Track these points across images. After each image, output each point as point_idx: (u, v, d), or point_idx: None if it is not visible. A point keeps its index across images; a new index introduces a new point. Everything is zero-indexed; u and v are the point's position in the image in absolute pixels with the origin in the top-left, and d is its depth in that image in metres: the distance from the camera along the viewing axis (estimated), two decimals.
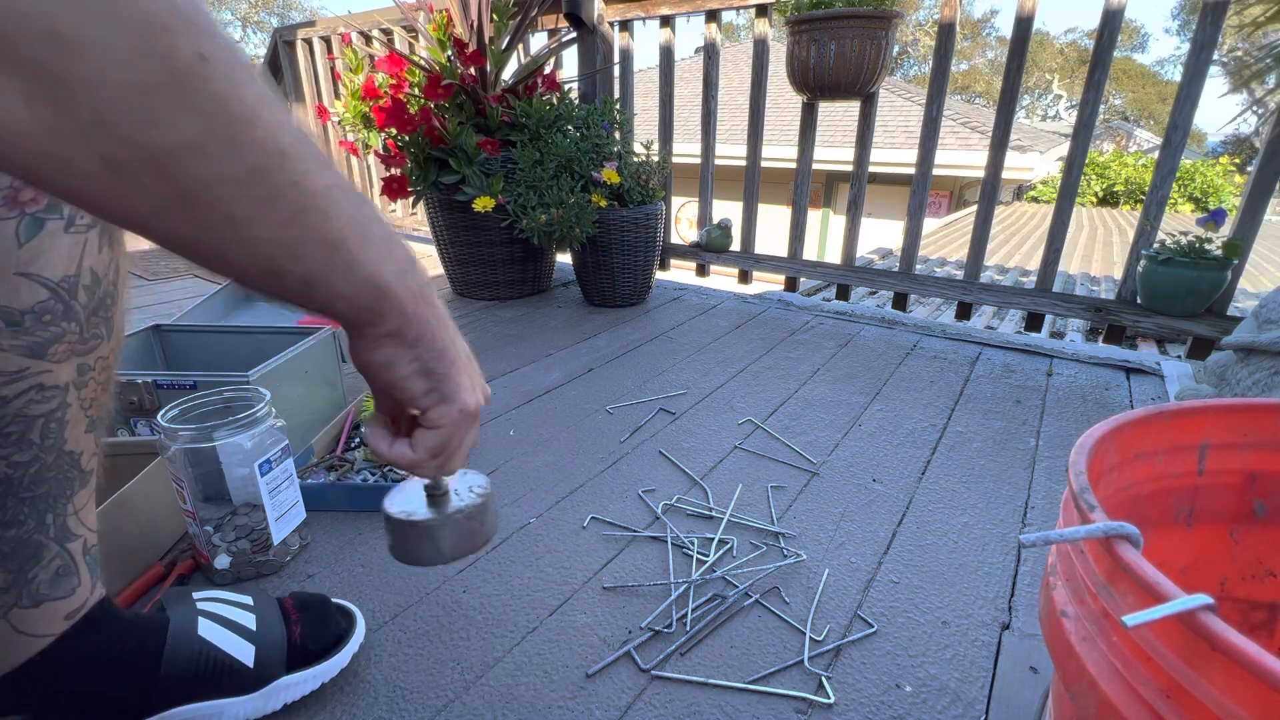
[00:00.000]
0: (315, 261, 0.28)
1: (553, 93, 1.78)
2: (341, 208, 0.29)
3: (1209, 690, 0.25)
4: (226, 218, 0.25)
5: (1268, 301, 0.98)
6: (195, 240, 0.26)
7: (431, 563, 0.42)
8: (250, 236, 0.26)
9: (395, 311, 0.32)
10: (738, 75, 8.24)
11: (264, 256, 0.27)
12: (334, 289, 0.30)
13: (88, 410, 0.47)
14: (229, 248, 0.26)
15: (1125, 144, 17.55)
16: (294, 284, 0.29)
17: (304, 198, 0.27)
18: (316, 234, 0.28)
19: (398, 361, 0.34)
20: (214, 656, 0.53)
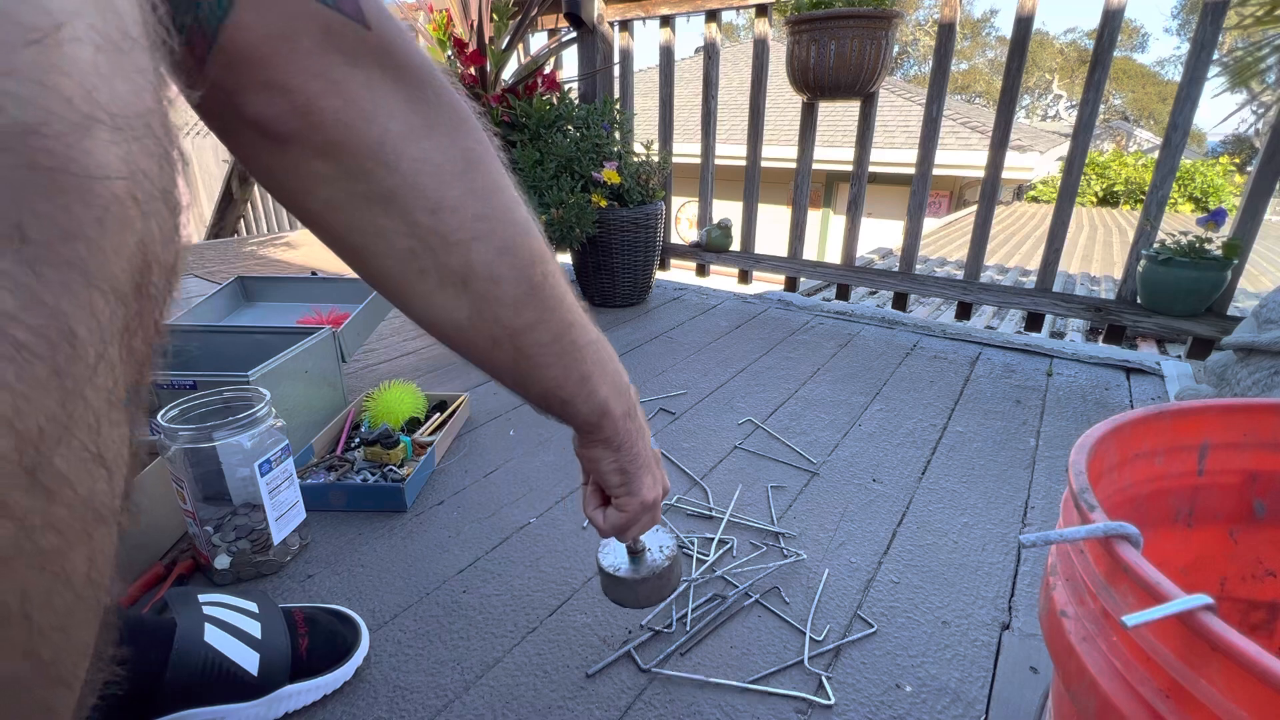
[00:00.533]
0: (573, 390, 0.43)
1: (553, 93, 1.78)
2: (591, 354, 0.43)
3: (1209, 690, 0.25)
4: (536, 365, 0.40)
5: (1268, 301, 0.98)
6: (512, 375, 0.41)
7: (629, 606, 0.58)
8: (545, 376, 0.41)
9: (610, 426, 0.46)
10: (738, 75, 8.24)
11: (546, 387, 0.42)
12: (578, 408, 0.44)
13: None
14: (531, 382, 0.42)
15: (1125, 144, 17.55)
16: (556, 403, 0.43)
17: (576, 350, 0.42)
18: (577, 373, 0.42)
19: (603, 460, 0.48)
20: (219, 663, 0.53)
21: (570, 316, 0.41)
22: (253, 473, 0.68)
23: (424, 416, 1.05)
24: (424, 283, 0.35)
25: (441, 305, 0.36)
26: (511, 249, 0.36)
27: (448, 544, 0.79)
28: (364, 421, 1.01)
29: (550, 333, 0.39)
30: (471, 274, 0.35)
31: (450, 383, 1.27)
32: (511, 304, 0.37)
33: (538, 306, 0.38)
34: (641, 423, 0.50)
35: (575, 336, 0.41)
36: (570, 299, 0.41)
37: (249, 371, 0.83)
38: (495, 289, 0.36)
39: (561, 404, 0.43)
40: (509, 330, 0.38)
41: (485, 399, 1.19)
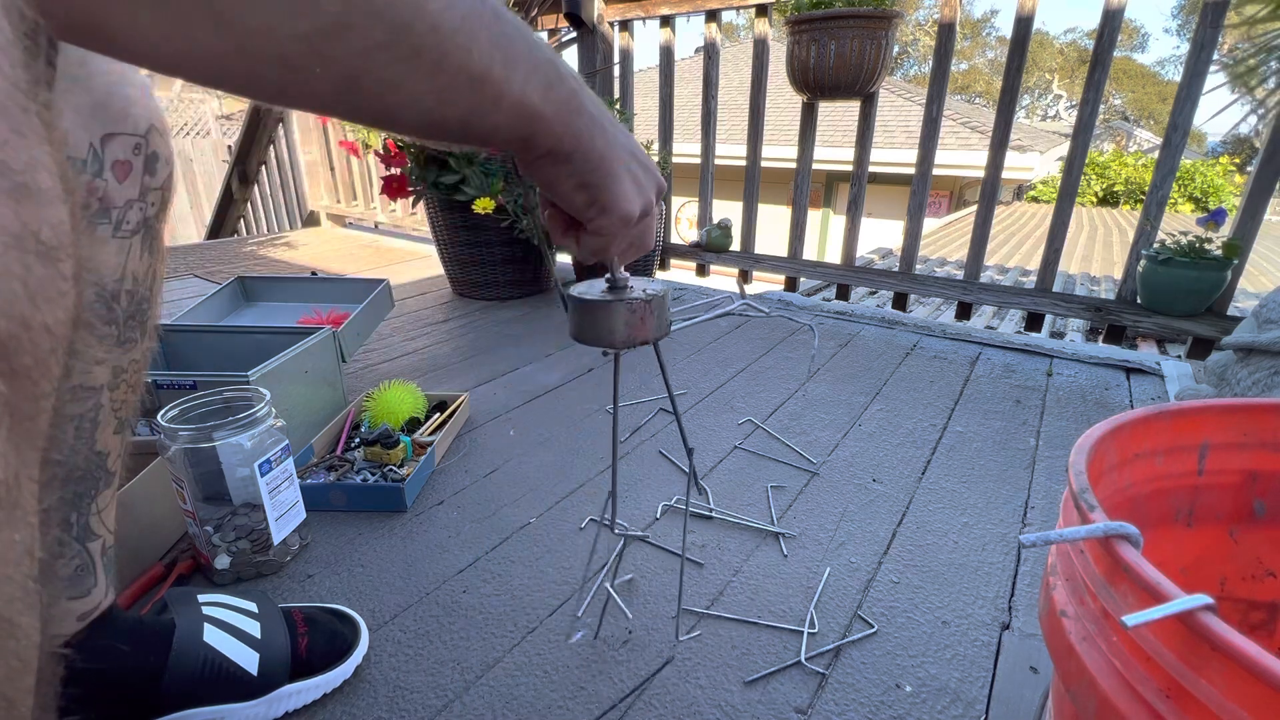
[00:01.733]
0: (465, 102, 0.30)
1: None
2: (480, 38, 0.29)
3: (1209, 690, 0.25)
4: (385, 82, 0.27)
5: (1268, 301, 0.98)
6: (365, 109, 0.28)
7: (603, 342, 0.46)
8: (408, 94, 0.28)
9: (545, 133, 0.34)
10: (738, 75, 8.24)
11: (423, 110, 0.29)
12: (488, 123, 0.31)
13: (117, 412, 0.47)
14: (393, 110, 0.29)
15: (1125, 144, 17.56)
16: (454, 127, 0.30)
17: (443, 41, 0.28)
18: (462, 74, 0.29)
19: (557, 179, 0.36)
20: (218, 663, 0.53)
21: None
22: (253, 473, 0.68)
23: (424, 416, 1.05)
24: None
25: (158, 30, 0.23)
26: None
27: (448, 544, 0.79)
28: (364, 421, 1.01)
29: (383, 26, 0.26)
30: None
31: (450, 383, 1.27)
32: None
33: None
34: (595, 113, 0.36)
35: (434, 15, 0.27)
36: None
37: (249, 371, 0.83)
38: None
39: (461, 127, 0.31)
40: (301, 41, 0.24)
41: (485, 399, 1.19)
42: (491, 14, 0.30)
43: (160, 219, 0.47)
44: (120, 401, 0.47)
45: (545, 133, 0.34)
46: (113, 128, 0.43)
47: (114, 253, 0.42)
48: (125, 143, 0.44)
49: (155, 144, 0.46)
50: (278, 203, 3.28)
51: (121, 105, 0.43)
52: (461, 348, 1.46)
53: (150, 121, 0.45)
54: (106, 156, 0.43)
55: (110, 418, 0.47)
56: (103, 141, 0.42)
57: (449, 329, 1.59)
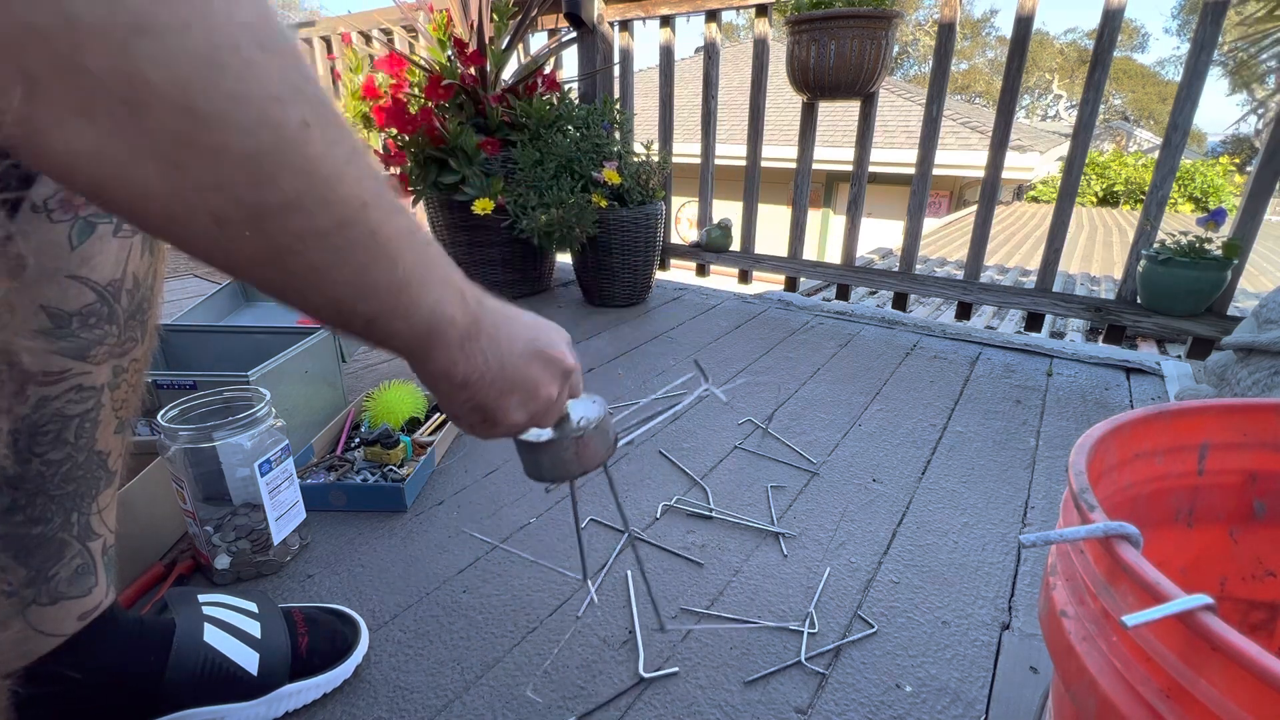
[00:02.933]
0: (380, 303, 0.30)
1: (553, 93, 1.78)
2: (408, 253, 0.31)
3: (1209, 690, 0.25)
4: (311, 265, 0.27)
5: (1268, 301, 0.98)
6: (282, 284, 0.28)
7: (558, 478, 0.47)
8: (330, 281, 0.28)
9: (443, 353, 0.34)
10: (738, 75, 8.23)
11: (336, 298, 0.29)
12: (392, 328, 0.32)
13: (118, 411, 0.47)
14: (309, 291, 0.29)
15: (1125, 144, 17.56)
16: (358, 323, 0.31)
17: (378, 245, 0.29)
18: (385, 279, 0.30)
19: (451, 399, 0.37)
20: (218, 663, 0.53)
21: (362, 192, 0.27)
22: (253, 473, 0.68)
23: (424, 416, 1.05)
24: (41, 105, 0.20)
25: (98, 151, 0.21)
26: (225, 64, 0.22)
27: (448, 544, 0.79)
28: (364, 421, 1.01)
29: (330, 216, 0.26)
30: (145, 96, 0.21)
31: None
32: (243, 161, 0.23)
33: (298, 170, 0.25)
34: (494, 330, 0.37)
35: (376, 222, 0.28)
36: (365, 169, 0.28)
37: (249, 371, 0.83)
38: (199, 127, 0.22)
39: (365, 323, 0.31)
40: (249, 207, 0.24)
41: None
42: (423, 236, 0.32)
43: None
44: (121, 401, 0.47)
45: (443, 352, 0.34)
46: None
47: (114, 252, 0.43)
48: None
49: None
50: None
51: None
52: None
53: None
54: None
55: (111, 417, 0.47)
56: None
57: None
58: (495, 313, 0.37)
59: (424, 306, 0.32)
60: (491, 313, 0.37)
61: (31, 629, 0.46)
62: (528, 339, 0.40)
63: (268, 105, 0.23)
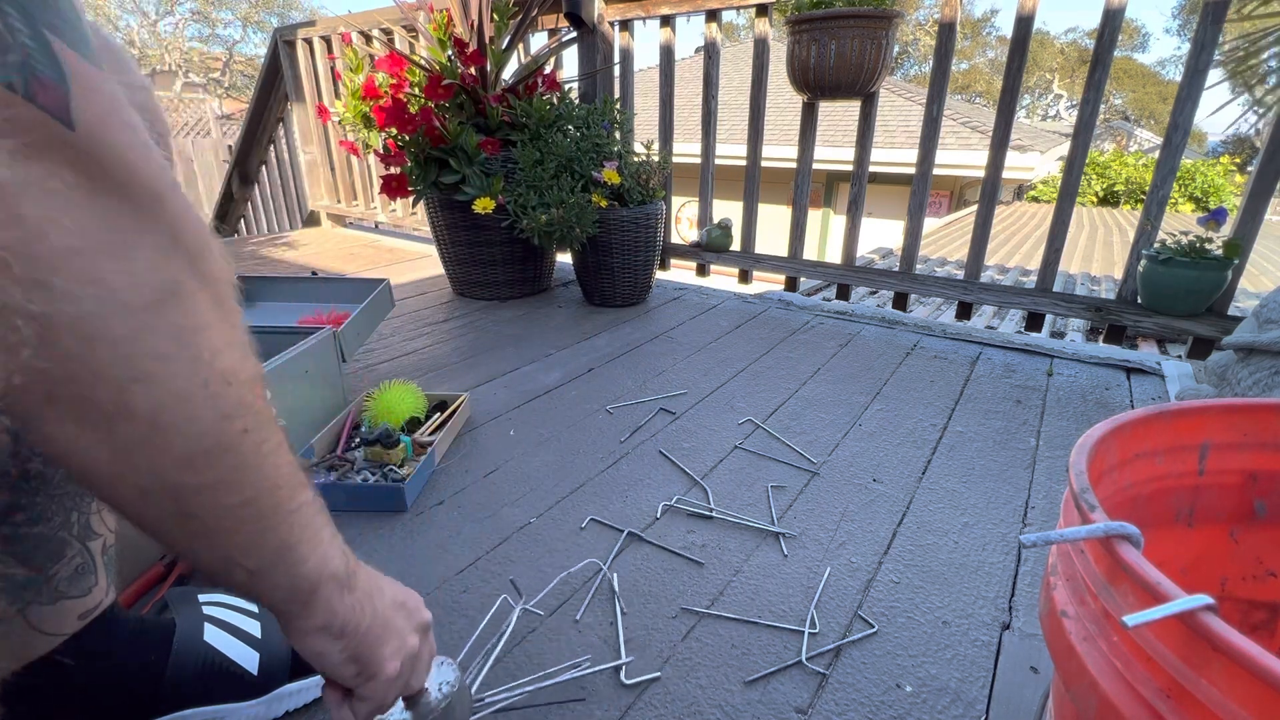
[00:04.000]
0: (265, 560, 0.34)
1: (553, 92, 1.78)
2: (301, 518, 0.34)
3: (1209, 690, 0.25)
4: (211, 529, 0.31)
5: (1268, 301, 0.97)
6: (175, 539, 0.31)
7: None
8: (222, 541, 0.32)
9: (323, 607, 0.37)
10: (738, 75, 8.24)
11: (225, 555, 0.32)
12: (274, 581, 0.35)
13: None
14: (201, 546, 0.32)
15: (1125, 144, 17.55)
16: (240, 575, 0.33)
17: (277, 516, 0.33)
18: (274, 542, 0.33)
19: (328, 653, 0.38)
20: (218, 663, 0.53)
21: (277, 476, 0.33)
22: None
23: (424, 416, 1.05)
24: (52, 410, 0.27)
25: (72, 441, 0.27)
26: (195, 399, 0.29)
27: (448, 544, 0.79)
28: (364, 421, 1.01)
29: (239, 495, 0.31)
30: (124, 416, 0.27)
31: (450, 383, 1.27)
32: (182, 459, 0.29)
33: (225, 465, 0.30)
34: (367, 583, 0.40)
35: (278, 499, 0.33)
36: (283, 458, 0.33)
37: None
38: (158, 438, 0.28)
39: (248, 576, 0.34)
40: (170, 486, 0.29)
41: (485, 399, 1.19)
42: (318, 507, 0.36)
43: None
44: None
45: (323, 607, 0.37)
46: None
47: None
48: None
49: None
50: (278, 203, 3.28)
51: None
52: (461, 348, 1.46)
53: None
54: None
55: None
56: None
57: (449, 329, 1.59)
58: (364, 568, 0.41)
59: (310, 562, 0.35)
60: (361, 567, 0.41)
61: (31, 628, 0.46)
62: (390, 592, 0.43)
63: (218, 422, 0.29)
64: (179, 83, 13.00)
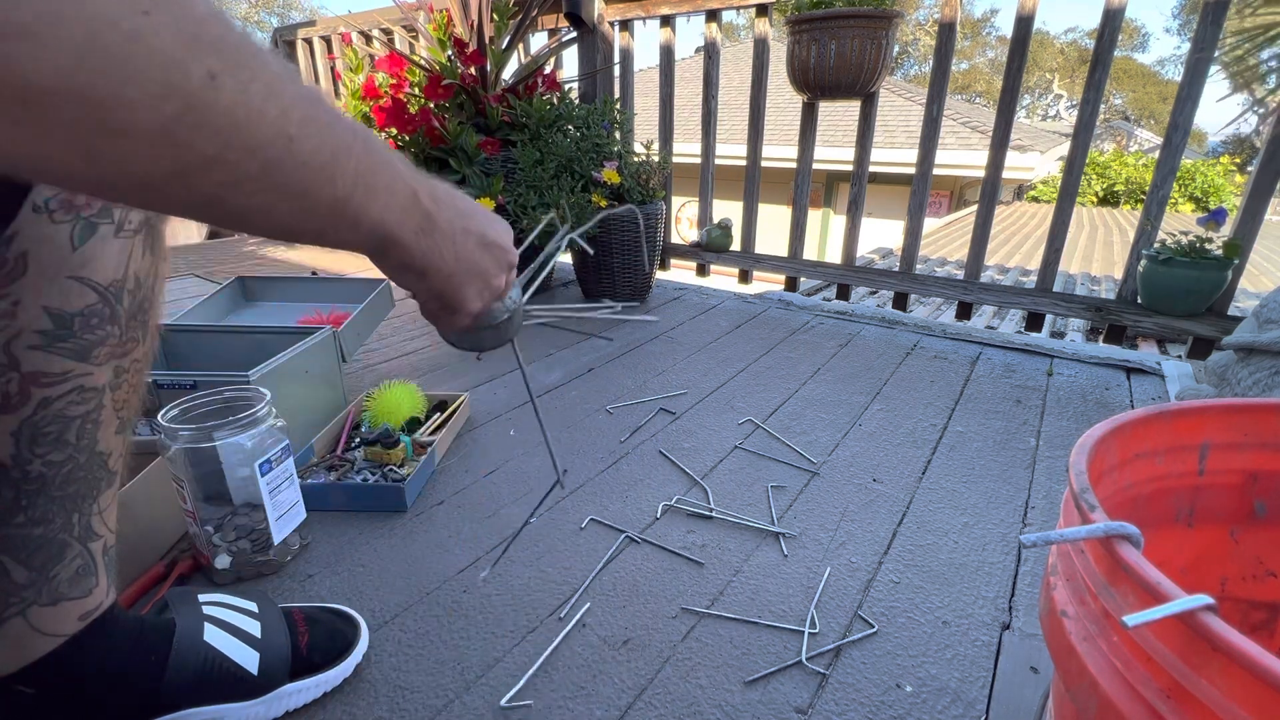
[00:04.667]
0: (323, 221, 0.32)
1: (553, 92, 1.78)
2: (346, 169, 0.31)
3: (1209, 690, 0.25)
4: (246, 205, 0.28)
5: (1268, 301, 0.97)
6: (226, 222, 0.29)
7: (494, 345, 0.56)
8: (269, 213, 0.29)
9: (398, 251, 0.37)
10: (738, 75, 8.23)
11: (280, 224, 0.30)
12: (341, 238, 0.34)
13: (119, 412, 0.47)
14: (249, 222, 0.29)
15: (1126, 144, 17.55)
16: (309, 238, 0.33)
17: (310, 173, 0.29)
18: (324, 200, 0.31)
19: (411, 286, 0.41)
20: (218, 663, 0.53)
21: (289, 125, 0.27)
22: (253, 473, 0.68)
23: (424, 416, 1.05)
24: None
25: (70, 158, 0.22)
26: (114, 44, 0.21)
27: (448, 544, 0.79)
28: (364, 421, 1.01)
29: (255, 161, 0.26)
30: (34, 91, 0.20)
31: (450, 383, 1.27)
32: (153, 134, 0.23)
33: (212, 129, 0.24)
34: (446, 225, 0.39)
35: (305, 151, 0.28)
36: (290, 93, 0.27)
37: (249, 371, 0.83)
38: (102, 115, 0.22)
39: (315, 236, 0.32)
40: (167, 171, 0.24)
41: (485, 399, 1.19)
42: (362, 145, 0.32)
43: (162, 219, 0.48)
44: (122, 402, 0.47)
45: (399, 252, 0.37)
46: None
47: (116, 252, 0.43)
48: None
49: None
50: None
51: None
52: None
53: None
54: None
55: (112, 418, 0.47)
56: None
57: None
58: (450, 207, 0.40)
59: (371, 215, 0.33)
60: (447, 208, 0.39)
61: (32, 629, 0.46)
62: (479, 232, 0.42)
63: (166, 71, 0.22)
64: None
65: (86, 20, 0.20)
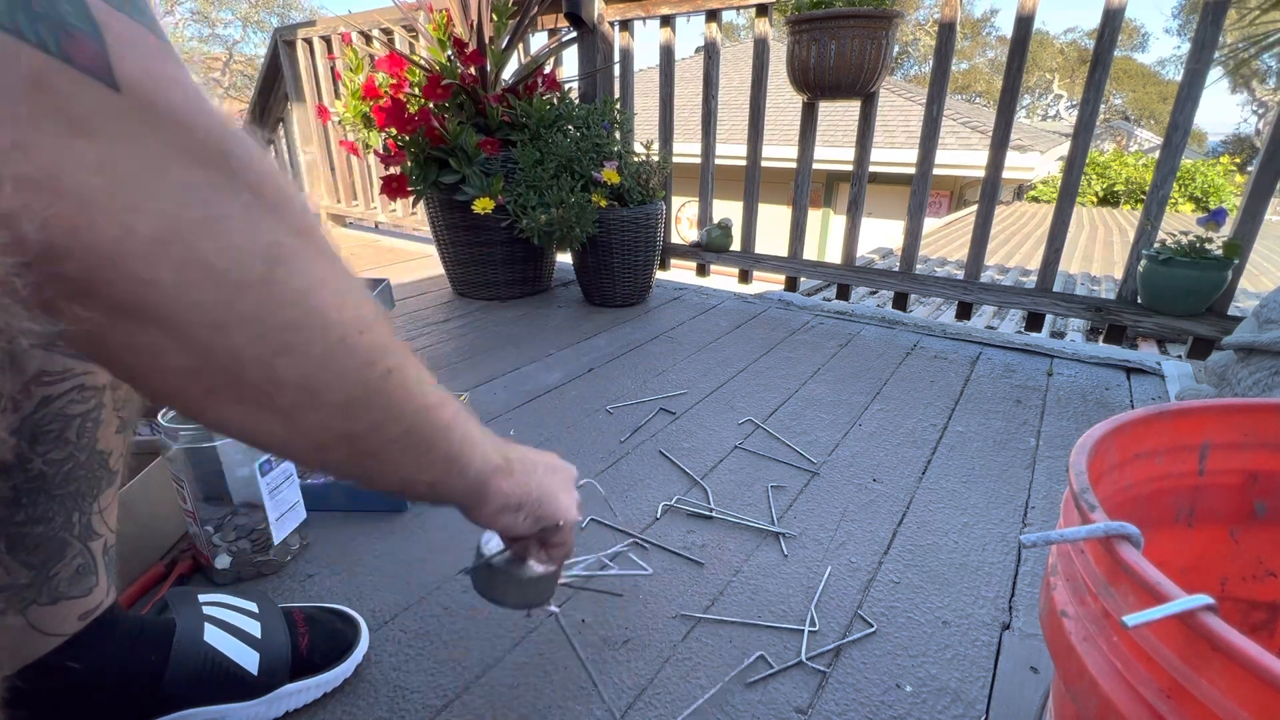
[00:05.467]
0: (438, 473, 0.39)
1: (553, 92, 1.78)
2: (458, 431, 0.39)
3: (1209, 690, 0.25)
4: (384, 460, 0.35)
5: (1268, 301, 0.97)
6: (359, 473, 0.36)
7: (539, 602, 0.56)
8: (396, 467, 0.36)
9: (497, 495, 0.44)
10: (738, 75, 8.23)
11: (402, 478, 0.37)
12: (451, 488, 0.41)
13: (120, 411, 0.47)
14: (379, 476, 0.36)
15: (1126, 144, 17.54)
16: (422, 489, 0.39)
17: (435, 432, 0.37)
18: (441, 455, 0.38)
19: (514, 525, 0.46)
20: (219, 662, 0.53)
21: (425, 400, 0.35)
22: (253, 472, 0.68)
23: None
24: (215, 399, 0.28)
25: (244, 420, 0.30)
26: (334, 355, 0.30)
27: (448, 544, 0.79)
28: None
29: (400, 427, 0.34)
30: (278, 390, 0.29)
31: (450, 383, 1.27)
32: (341, 410, 0.31)
33: (380, 406, 0.33)
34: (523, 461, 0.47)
35: (434, 420, 0.36)
36: (424, 382, 0.36)
37: None
38: (314, 399, 0.30)
39: (429, 488, 0.39)
40: (341, 434, 0.32)
41: (485, 399, 1.19)
42: (466, 416, 0.40)
43: None
44: (122, 401, 0.47)
45: (496, 495, 0.43)
46: None
47: None
48: None
49: None
50: None
51: None
52: (461, 348, 1.46)
53: None
54: None
55: (112, 417, 0.47)
56: None
57: (449, 329, 1.59)
58: (515, 449, 0.47)
59: (474, 464, 0.41)
60: (514, 450, 0.47)
61: (32, 628, 0.46)
62: (542, 461, 0.50)
63: (361, 370, 0.31)
64: None
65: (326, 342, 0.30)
